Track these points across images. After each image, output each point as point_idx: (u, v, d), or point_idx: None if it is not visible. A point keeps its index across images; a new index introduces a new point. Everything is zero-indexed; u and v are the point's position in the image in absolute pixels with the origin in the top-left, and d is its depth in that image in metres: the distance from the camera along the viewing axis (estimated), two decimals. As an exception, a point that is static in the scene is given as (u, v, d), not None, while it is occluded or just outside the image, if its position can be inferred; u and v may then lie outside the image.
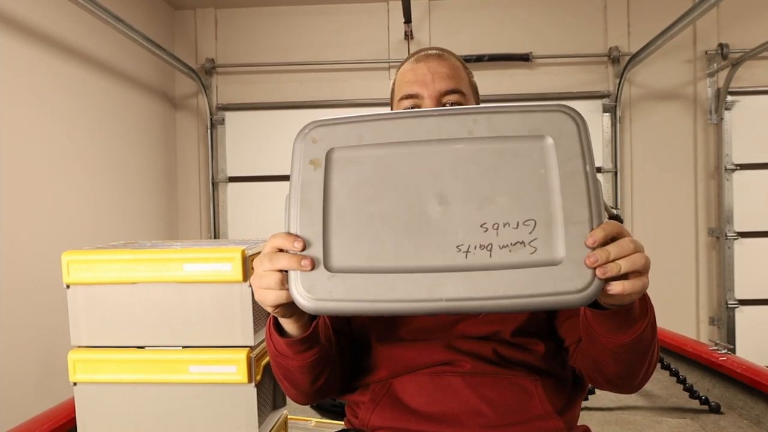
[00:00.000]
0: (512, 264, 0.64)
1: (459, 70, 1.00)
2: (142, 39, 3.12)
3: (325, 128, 0.74)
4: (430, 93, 0.96)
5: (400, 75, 1.02)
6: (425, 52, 1.02)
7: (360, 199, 0.69)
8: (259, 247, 1.38)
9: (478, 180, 0.67)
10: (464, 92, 0.98)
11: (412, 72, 0.99)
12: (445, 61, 0.99)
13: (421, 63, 0.99)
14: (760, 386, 1.80)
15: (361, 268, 0.66)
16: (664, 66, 3.91)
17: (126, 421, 1.32)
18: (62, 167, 2.75)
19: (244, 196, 4.10)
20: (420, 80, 0.97)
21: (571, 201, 0.66)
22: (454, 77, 0.98)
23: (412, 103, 0.97)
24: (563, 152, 0.69)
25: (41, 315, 2.45)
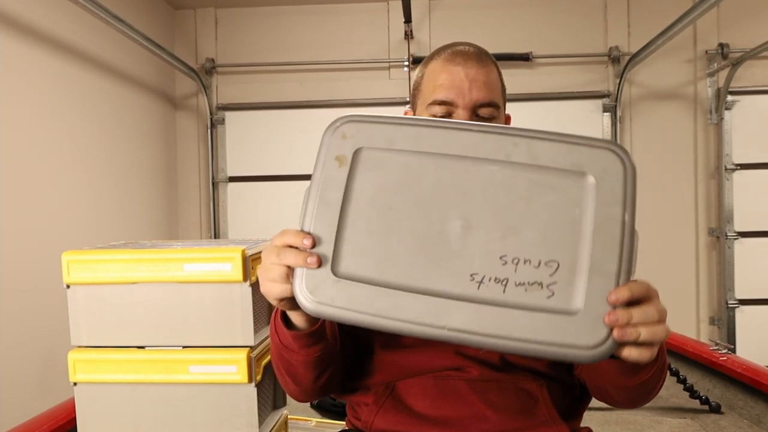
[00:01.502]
0: (525, 305, 0.60)
1: (495, 77, 0.94)
2: (142, 39, 3.12)
3: (357, 125, 0.71)
4: (465, 102, 0.89)
5: (432, 73, 0.93)
6: (461, 48, 0.94)
7: (381, 206, 0.66)
8: (259, 247, 1.38)
9: (506, 208, 0.64)
10: (499, 105, 0.92)
11: (448, 74, 0.90)
12: (483, 66, 0.91)
13: (459, 66, 0.90)
14: (761, 386, 1.80)
15: (369, 279, 0.64)
16: (664, 66, 3.91)
17: (126, 421, 1.32)
18: (62, 167, 2.75)
19: (244, 196, 4.10)
20: (456, 86, 0.89)
21: (601, 249, 0.63)
22: (492, 87, 0.91)
23: (444, 111, 0.90)
24: (604, 195, 0.66)
25: (41, 315, 2.45)
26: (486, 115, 0.90)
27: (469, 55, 0.91)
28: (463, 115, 0.89)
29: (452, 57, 0.92)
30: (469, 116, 0.89)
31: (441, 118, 0.89)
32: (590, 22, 3.96)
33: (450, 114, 0.90)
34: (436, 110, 0.90)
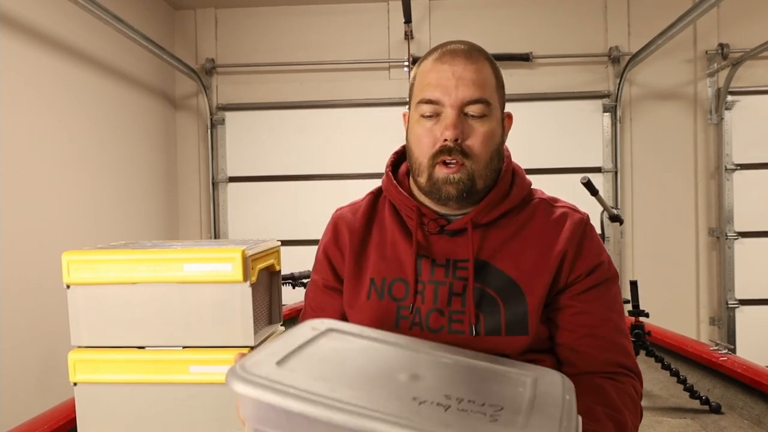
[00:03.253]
0: (465, 426, 0.57)
1: (486, 73, 0.92)
2: (142, 39, 3.12)
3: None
4: (452, 101, 0.88)
5: (422, 73, 0.94)
6: (451, 47, 0.93)
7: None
8: (259, 247, 1.38)
9: (457, 382, 0.66)
10: (489, 101, 0.90)
11: (435, 73, 0.91)
12: (472, 63, 0.90)
13: (446, 64, 0.90)
14: (761, 386, 1.80)
15: (311, 375, 0.62)
16: (664, 66, 3.91)
17: (126, 421, 1.32)
18: (62, 167, 2.75)
19: (244, 196, 4.10)
20: (442, 84, 0.89)
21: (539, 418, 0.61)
22: (481, 84, 0.90)
23: (431, 109, 0.90)
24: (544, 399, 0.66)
25: (41, 315, 2.45)
26: (475, 113, 0.89)
27: (457, 53, 0.91)
28: (450, 114, 0.88)
29: (441, 56, 0.91)
30: (457, 114, 0.88)
31: (429, 117, 0.90)
32: (590, 22, 3.96)
33: (438, 113, 0.90)
34: (424, 109, 0.91)
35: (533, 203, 0.97)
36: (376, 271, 0.97)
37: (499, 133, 0.93)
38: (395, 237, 0.97)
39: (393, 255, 0.96)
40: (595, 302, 0.91)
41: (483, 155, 0.90)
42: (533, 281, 0.90)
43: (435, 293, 0.92)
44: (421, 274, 0.94)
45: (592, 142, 3.95)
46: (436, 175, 0.90)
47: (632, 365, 0.91)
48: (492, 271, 0.91)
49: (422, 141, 0.90)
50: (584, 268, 0.91)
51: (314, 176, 4.01)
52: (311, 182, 4.01)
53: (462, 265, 0.92)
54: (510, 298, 0.90)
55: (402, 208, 0.97)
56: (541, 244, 0.92)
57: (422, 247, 0.95)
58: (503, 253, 0.92)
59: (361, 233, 1.01)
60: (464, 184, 0.89)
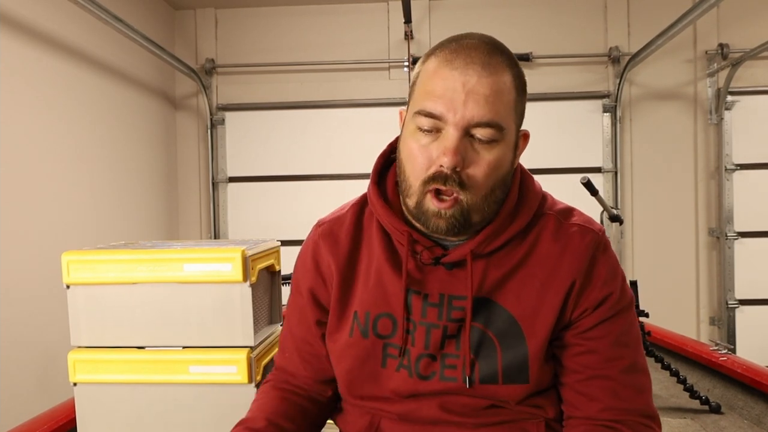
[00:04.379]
0: None
1: (505, 87, 0.75)
2: (142, 39, 3.12)
3: None
4: (456, 119, 0.72)
5: (426, 74, 0.76)
6: (467, 46, 0.74)
7: None
8: (259, 247, 1.38)
9: None
10: (502, 125, 0.74)
11: (441, 80, 0.73)
12: (490, 74, 0.73)
13: (457, 70, 0.73)
14: (761, 386, 1.80)
15: None
16: (664, 66, 3.91)
17: (126, 421, 1.32)
18: (63, 167, 2.74)
19: (244, 196, 4.10)
20: (448, 96, 0.72)
21: None
22: (497, 102, 0.73)
23: (430, 124, 0.74)
24: None
25: (41, 315, 2.45)
26: (483, 138, 0.73)
27: (473, 58, 0.73)
28: (451, 135, 0.72)
29: (453, 57, 0.74)
30: (460, 136, 0.72)
31: (427, 131, 0.75)
32: (590, 22, 3.96)
33: (438, 129, 0.74)
34: (422, 122, 0.74)
35: (542, 220, 0.82)
36: (360, 304, 0.84)
37: (508, 161, 0.78)
38: (381, 264, 0.83)
39: (378, 285, 0.83)
40: (603, 339, 0.79)
41: (483, 187, 0.75)
42: (536, 321, 0.78)
43: (427, 337, 0.80)
44: (412, 312, 0.81)
45: (592, 142, 3.95)
46: (426, 205, 0.76)
47: (644, 408, 0.79)
48: (492, 307, 0.80)
49: (415, 159, 0.76)
50: (592, 301, 0.79)
51: (314, 176, 4.01)
52: (311, 182, 4.01)
53: (458, 304, 0.79)
54: (509, 341, 0.79)
55: (392, 232, 0.83)
56: (546, 274, 0.79)
57: (414, 280, 0.81)
58: (505, 286, 0.80)
59: (348, 256, 0.86)
60: (456, 220, 0.75)
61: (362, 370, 0.84)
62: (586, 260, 0.79)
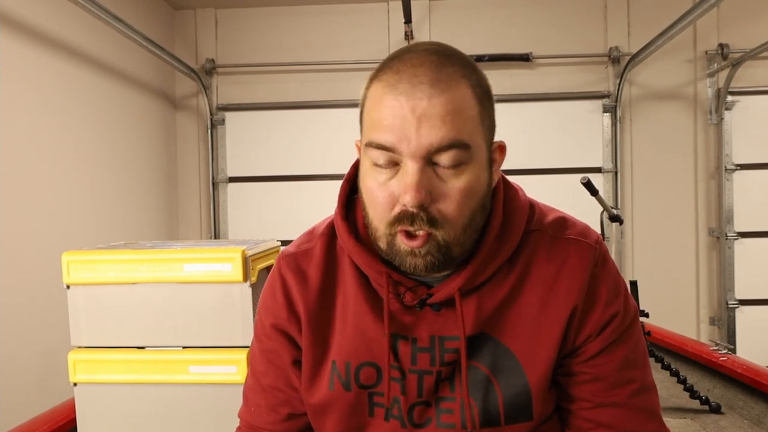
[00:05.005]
0: None
1: (463, 105, 0.64)
2: (142, 39, 3.12)
3: None
4: (413, 150, 0.62)
5: (371, 102, 0.67)
6: (411, 65, 0.64)
7: None
8: (259, 247, 1.38)
9: None
10: (468, 144, 0.64)
11: (386, 108, 0.64)
12: (440, 93, 0.62)
13: (402, 95, 0.63)
14: (761, 386, 1.80)
15: None
16: (664, 66, 3.91)
17: (126, 421, 1.32)
18: (62, 167, 2.75)
19: (244, 196, 4.10)
20: (398, 126, 0.62)
21: None
22: (455, 121, 0.63)
23: (385, 158, 0.64)
24: None
25: (41, 315, 2.45)
26: (448, 163, 0.64)
27: (420, 76, 0.63)
28: (411, 168, 0.63)
29: (396, 79, 0.64)
30: (420, 168, 0.63)
31: (383, 167, 0.65)
32: (590, 22, 3.96)
33: (395, 162, 0.64)
34: (375, 156, 0.65)
35: (532, 240, 0.74)
36: (339, 353, 0.75)
37: (483, 182, 0.68)
38: (360, 307, 0.74)
39: (358, 331, 0.74)
40: (610, 364, 0.73)
41: (459, 220, 0.66)
42: (535, 354, 0.72)
43: (419, 385, 0.73)
44: (399, 359, 0.73)
45: (592, 143, 3.95)
46: (398, 245, 0.66)
47: (656, 429, 0.75)
48: (487, 343, 0.73)
49: (376, 200, 0.66)
50: (595, 325, 0.73)
51: (314, 176, 4.01)
52: (311, 182, 4.01)
53: (451, 345, 0.72)
54: (508, 378, 0.72)
55: (369, 274, 0.73)
56: (542, 300, 0.72)
57: (399, 325, 0.73)
58: (500, 318, 0.73)
59: (320, 296, 0.76)
60: (434, 257, 0.66)
61: (349, 423, 0.76)
62: (586, 281, 0.72)
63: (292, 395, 0.81)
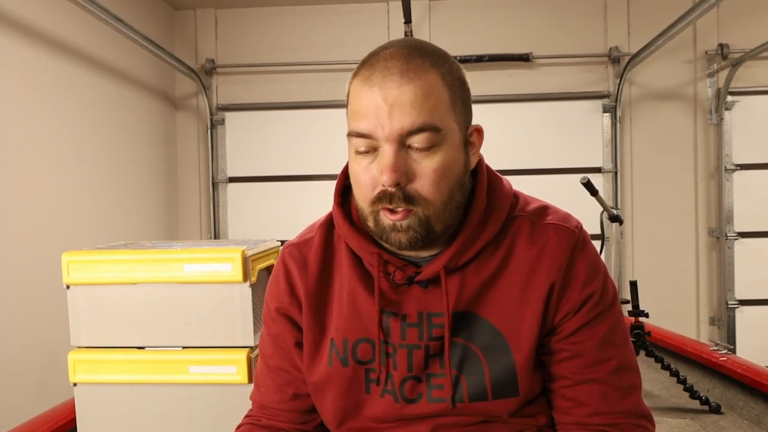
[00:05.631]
0: None
1: (433, 88, 0.70)
2: (142, 39, 3.12)
3: None
4: (387, 134, 0.69)
5: (351, 96, 0.75)
6: (383, 58, 0.72)
7: None
8: (259, 247, 1.38)
9: None
10: (438, 126, 0.70)
11: (363, 100, 0.72)
12: (409, 81, 0.69)
13: (375, 86, 0.70)
14: (761, 386, 1.80)
15: None
16: (664, 66, 3.91)
17: (126, 421, 1.32)
18: (62, 167, 2.75)
19: (244, 196, 4.10)
20: (372, 114, 0.70)
21: None
22: (425, 105, 0.69)
23: (366, 144, 0.72)
24: None
25: (41, 315, 2.45)
26: (421, 145, 0.70)
27: (390, 68, 0.71)
28: (387, 151, 0.70)
29: (370, 73, 0.72)
30: (395, 150, 0.70)
31: (365, 152, 0.72)
32: (590, 22, 3.96)
33: (374, 148, 0.71)
34: (356, 144, 0.73)
35: (515, 224, 0.79)
36: (337, 331, 0.81)
37: (459, 162, 0.74)
38: (354, 286, 0.80)
39: (353, 309, 0.80)
40: (589, 342, 0.77)
41: (436, 197, 0.71)
42: (520, 331, 0.76)
43: (409, 359, 0.78)
44: (391, 335, 0.78)
45: (592, 143, 3.95)
46: (382, 222, 0.73)
47: (635, 408, 0.78)
48: (473, 321, 0.77)
49: (360, 183, 0.73)
50: (573, 303, 0.77)
51: (315, 176, 4.01)
52: (311, 182, 4.01)
53: (438, 321, 0.77)
54: (495, 355, 0.76)
55: (362, 255, 0.80)
56: (525, 280, 0.76)
57: (389, 302, 0.78)
58: (485, 297, 0.77)
59: (319, 280, 0.83)
60: (416, 231, 0.72)
61: (347, 400, 0.81)
62: (564, 261, 0.76)
63: (296, 375, 0.86)
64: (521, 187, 0.85)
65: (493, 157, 3.68)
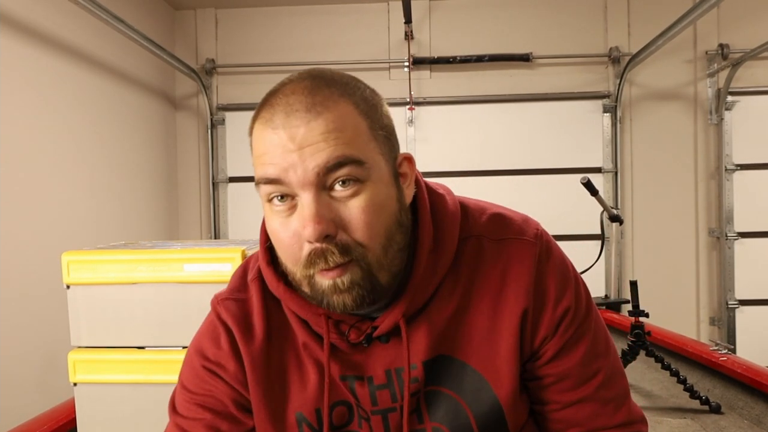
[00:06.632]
0: None
1: (346, 123, 0.60)
2: (142, 39, 3.12)
3: None
4: (300, 178, 0.59)
5: (255, 142, 0.65)
6: (286, 94, 0.63)
7: None
8: (259, 247, 1.38)
9: None
10: (361, 159, 0.60)
11: (268, 143, 0.61)
12: (318, 115, 0.60)
13: (279, 128, 0.60)
14: (761, 386, 1.80)
15: None
16: (664, 66, 3.91)
17: (126, 421, 1.32)
18: (62, 167, 2.75)
19: (244, 196, 4.10)
20: (280, 156, 0.60)
21: None
22: (339, 138, 0.59)
23: (277, 190, 0.61)
24: None
25: (41, 315, 2.45)
26: (342, 184, 0.60)
27: (293, 105, 0.61)
28: (304, 198, 0.60)
29: (272, 113, 0.62)
30: (315, 196, 0.59)
31: (279, 202, 0.62)
32: (590, 23, 3.96)
33: (289, 195, 0.61)
34: (267, 191, 0.62)
35: (468, 246, 0.71)
36: (304, 402, 0.71)
37: (391, 199, 0.64)
38: (314, 351, 0.71)
39: (320, 374, 0.70)
40: (572, 362, 0.72)
41: (374, 241, 0.61)
42: (498, 367, 0.69)
43: (385, 424, 0.70)
44: (360, 401, 0.70)
45: (592, 143, 3.95)
46: (319, 285, 0.62)
47: (628, 417, 0.75)
48: (450, 365, 0.70)
49: (283, 243, 0.63)
50: (549, 326, 0.70)
51: (314, 176, 4.01)
52: (311, 182, 4.01)
53: (409, 375, 0.69)
54: (477, 396, 0.70)
55: (307, 318, 0.69)
56: (492, 308, 0.69)
57: (350, 365, 0.70)
58: (454, 335, 0.70)
59: (267, 349, 0.72)
60: (360, 287, 0.62)
61: None
62: (531, 281, 0.69)
63: None
64: (521, 187, 0.83)
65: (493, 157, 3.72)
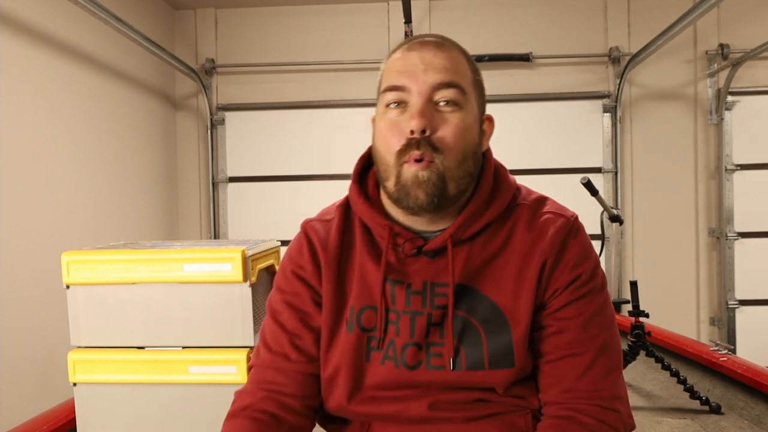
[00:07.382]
0: None
1: (460, 63, 0.82)
2: (142, 39, 3.12)
3: None
4: (419, 86, 0.78)
5: (388, 64, 0.84)
6: (421, 39, 0.84)
7: None
8: (259, 247, 1.38)
9: None
10: (464, 88, 0.80)
11: (401, 61, 0.81)
12: (443, 51, 0.81)
13: (414, 52, 0.81)
14: (761, 386, 1.80)
15: None
16: (664, 66, 3.91)
17: (126, 421, 1.32)
18: (62, 167, 2.74)
19: (244, 196, 4.10)
20: (408, 70, 0.79)
21: None
22: (453, 70, 0.80)
23: (396, 97, 0.79)
24: None
25: (41, 315, 2.45)
26: (447, 99, 0.78)
27: (427, 43, 0.82)
28: (416, 102, 0.78)
29: (409, 46, 0.83)
30: (424, 102, 0.78)
31: (395, 107, 0.80)
32: (590, 23, 3.96)
33: (405, 101, 0.79)
34: (388, 97, 0.80)
35: (517, 211, 0.85)
36: (354, 300, 0.85)
37: (475, 131, 0.82)
38: (363, 258, 0.85)
39: (362, 279, 0.85)
40: (574, 319, 0.81)
41: (455, 151, 0.78)
42: (518, 308, 0.80)
43: (412, 325, 0.81)
44: (395, 302, 0.82)
45: (592, 143, 3.95)
46: (404, 175, 0.78)
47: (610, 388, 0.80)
48: (475, 296, 0.81)
49: (388, 135, 0.80)
50: (562, 281, 0.81)
51: (315, 176, 4.01)
52: (311, 182, 4.01)
53: (441, 291, 0.81)
54: (494, 328, 0.80)
55: (373, 227, 0.85)
56: (522, 261, 0.81)
57: (396, 270, 0.83)
58: (486, 274, 0.82)
59: (339, 254, 0.87)
60: (434, 185, 0.77)
61: (349, 367, 0.83)
62: (558, 243, 0.81)
63: (310, 341, 0.87)
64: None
65: (493, 157, 3.58)
